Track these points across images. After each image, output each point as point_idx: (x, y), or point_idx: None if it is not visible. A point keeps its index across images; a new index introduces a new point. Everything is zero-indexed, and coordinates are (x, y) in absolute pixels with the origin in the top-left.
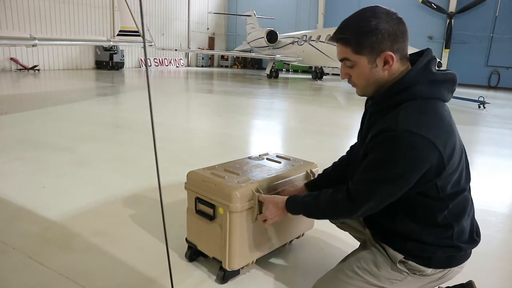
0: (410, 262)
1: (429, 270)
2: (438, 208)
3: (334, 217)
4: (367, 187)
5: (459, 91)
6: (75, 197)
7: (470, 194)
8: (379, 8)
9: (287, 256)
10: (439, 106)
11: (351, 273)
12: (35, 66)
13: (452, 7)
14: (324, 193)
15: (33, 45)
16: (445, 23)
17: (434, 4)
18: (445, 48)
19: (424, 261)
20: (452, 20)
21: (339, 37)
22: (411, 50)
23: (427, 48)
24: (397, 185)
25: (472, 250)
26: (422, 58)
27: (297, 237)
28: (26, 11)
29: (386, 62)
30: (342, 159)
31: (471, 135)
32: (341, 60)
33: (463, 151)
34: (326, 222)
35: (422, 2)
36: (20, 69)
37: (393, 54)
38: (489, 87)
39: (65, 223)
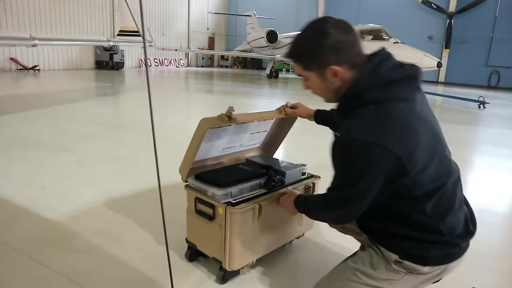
0: (406, 262)
1: (425, 269)
2: (418, 207)
3: (323, 221)
4: (335, 194)
5: (459, 91)
6: (75, 197)
7: (458, 186)
8: (325, 22)
9: (287, 256)
10: (395, 107)
11: (349, 275)
12: (35, 66)
13: (452, 7)
14: (316, 197)
15: (33, 45)
16: (445, 23)
17: (434, 4)
18: (445, 48)
19: (419, 260)
20: (452, 20)
21: (289, 55)
22: (404, 47)
23: (381, 49)
24: (360, 191)
25: (473, 248)
26: (370, 63)
27: (297, 237)
28: (26, 11)
29: (334, 75)
30: None
31: (471, 135)
32: (298, 75)
33: (437, 145)
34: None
35: (422, 2)
36: (20, 69)
37: (337, 68)
38: (489, 87)
39: (65, 223)
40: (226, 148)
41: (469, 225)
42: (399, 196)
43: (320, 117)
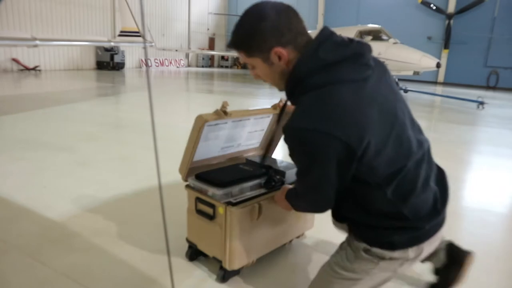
0: (374, 249)
1: (396, 253)
2: (378, 193)
3: (304, 211)
4: (298, 183)
5: (458, 91)
6: (75, 197)
7: (421, 167)
8: (262, 5)
9: (287, 255)
10: (339, 91)
11: (331, 272)
12: (36, 66)
13: (451, 8)
14: (292, 188)
15: (35, 46)
16: (444, 24)
17: (434, 5)
18: (444, 48)
19: (386, 246)
20: (451, 21)
21: (230, 45)
22: (403, 48)
23: (322, 29)
24: (317, 178)
25: (472, 248)
26: (310, 45)
27: (297, 237)
28: (28, 12)
29: (279, 57)
30: None
31: (470, 135)
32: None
33: (393, 126)
34: (326, 221)
35: (421, 2)
36: (21, 70)
37: (281, 49)
38: (488, 87)
39: (65, 222)
40: (224, 147)
41: (438, 203)
42: (358, 182)
43: None
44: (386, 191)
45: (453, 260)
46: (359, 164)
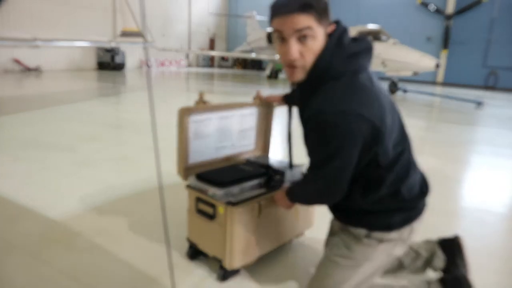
0: (374, 233)
1: (392, 234)
2: (386, 174)
3: (314, 204)
4: (316, 172)
5: (457, 92)
6: (77, 196)
7: (411, 151)
8: None
9: (287, 255)
10: (359, 78)
11: (331, 264)
12: (38, 66)
13: (451, 9)
14: (300, 180)
15: (36, 46)
16: (443, 24)
17: (433, 5)
18: (443, 49)
19: (384, 227)
20: (451, 21)
21: (304, 2)
22: (403, 48)
23: (337, 21)
24: (339, 164)
25: (472, 247)
26: (333, 35)
27: (297, 236)
28: (29, 12)
29: (329, 34)
30: None
31: (469, 135)
32: (297, 31)
33: (394, 113)
34: (326, 220)
35: (420, 3)
36: (22, 70)
37: (331, 27)
38: (486, 87)
39: (67, 222)
40: (219, 147)
41: (423, 186)
42: (373, 166)
43: (288, 98)
44: (393, 171)
45: (451, 250)
46: (379, 146)
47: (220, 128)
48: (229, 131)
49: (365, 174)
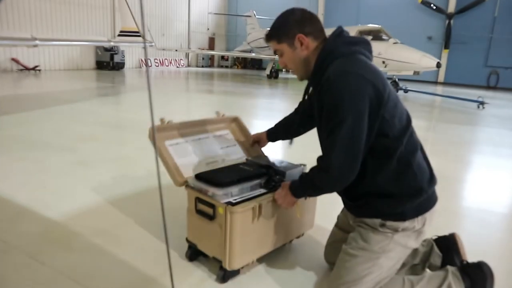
0: (388, 223)
1: (406, 223)
2: (395, 145)
3: (328, 188)
4: (332, 140)
5: (458, 91)
6: (76, 197)
7: (415, 134)
8: (293, 7)
9: (287, 255)
10: (362, 57)
11: (349, 257)
12: (36, 66)
13: (451, 8)
14: (312, 168)
15: (34, 46)
16: (444, 24)
17: (434, 5)
18: (445, 48)
19: (398, 216)
20: (451, 21)
21: (267, 38)
22: (404, 48)
23: (338, 27)
24: (351, 129)
25: (472, 247)
26: (333, 33)
27: (298, 237)
28: (28, 12)
29: (301, 43)
30: (291, 116)
31: (470, 135)
32: (274, 53)
33: (397, 97)
34: (327, 221)
35: (421, 2)
36: (21, 69)
37: (304, 35)
38: (488, 87)
39: (66, 222)
40: (209, 163)
41: (432, 175)
42: (383, 135)
43: (271, 136)
44: (402, 142)
45: (447, 246)
46: (383, 110)
47: (201, 148)
48: (212, 150)
49: (375, 146)
